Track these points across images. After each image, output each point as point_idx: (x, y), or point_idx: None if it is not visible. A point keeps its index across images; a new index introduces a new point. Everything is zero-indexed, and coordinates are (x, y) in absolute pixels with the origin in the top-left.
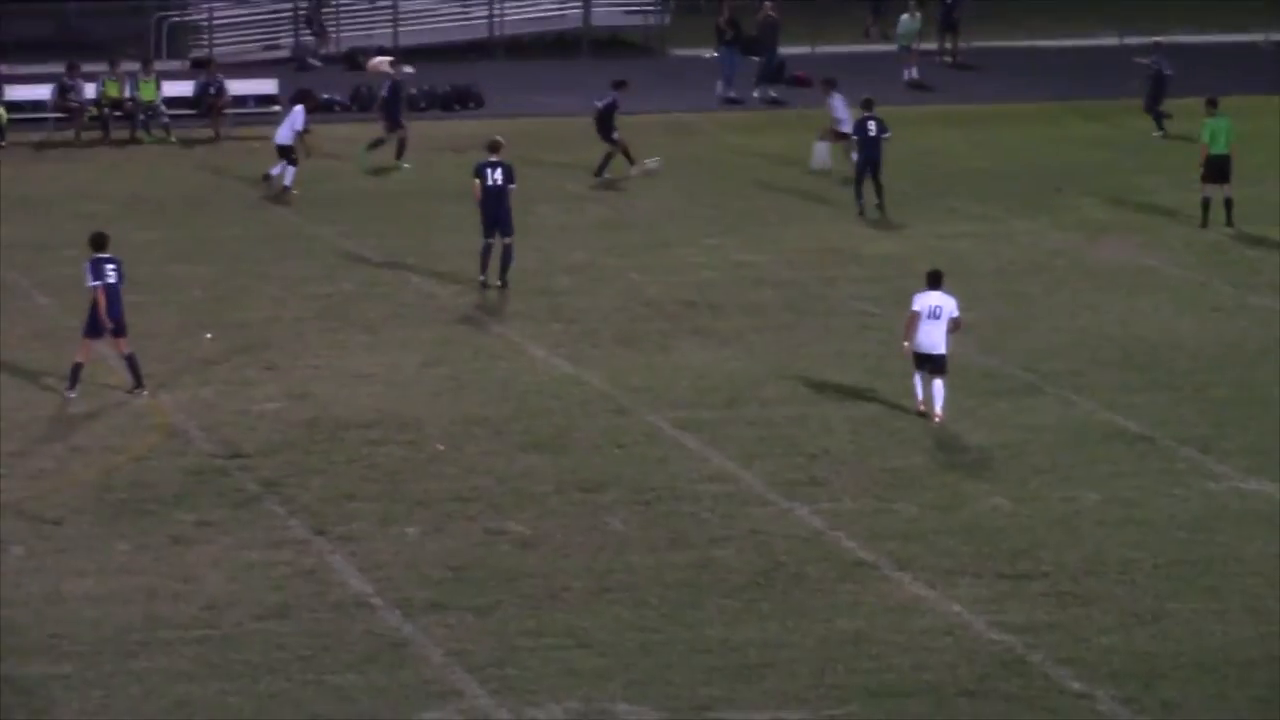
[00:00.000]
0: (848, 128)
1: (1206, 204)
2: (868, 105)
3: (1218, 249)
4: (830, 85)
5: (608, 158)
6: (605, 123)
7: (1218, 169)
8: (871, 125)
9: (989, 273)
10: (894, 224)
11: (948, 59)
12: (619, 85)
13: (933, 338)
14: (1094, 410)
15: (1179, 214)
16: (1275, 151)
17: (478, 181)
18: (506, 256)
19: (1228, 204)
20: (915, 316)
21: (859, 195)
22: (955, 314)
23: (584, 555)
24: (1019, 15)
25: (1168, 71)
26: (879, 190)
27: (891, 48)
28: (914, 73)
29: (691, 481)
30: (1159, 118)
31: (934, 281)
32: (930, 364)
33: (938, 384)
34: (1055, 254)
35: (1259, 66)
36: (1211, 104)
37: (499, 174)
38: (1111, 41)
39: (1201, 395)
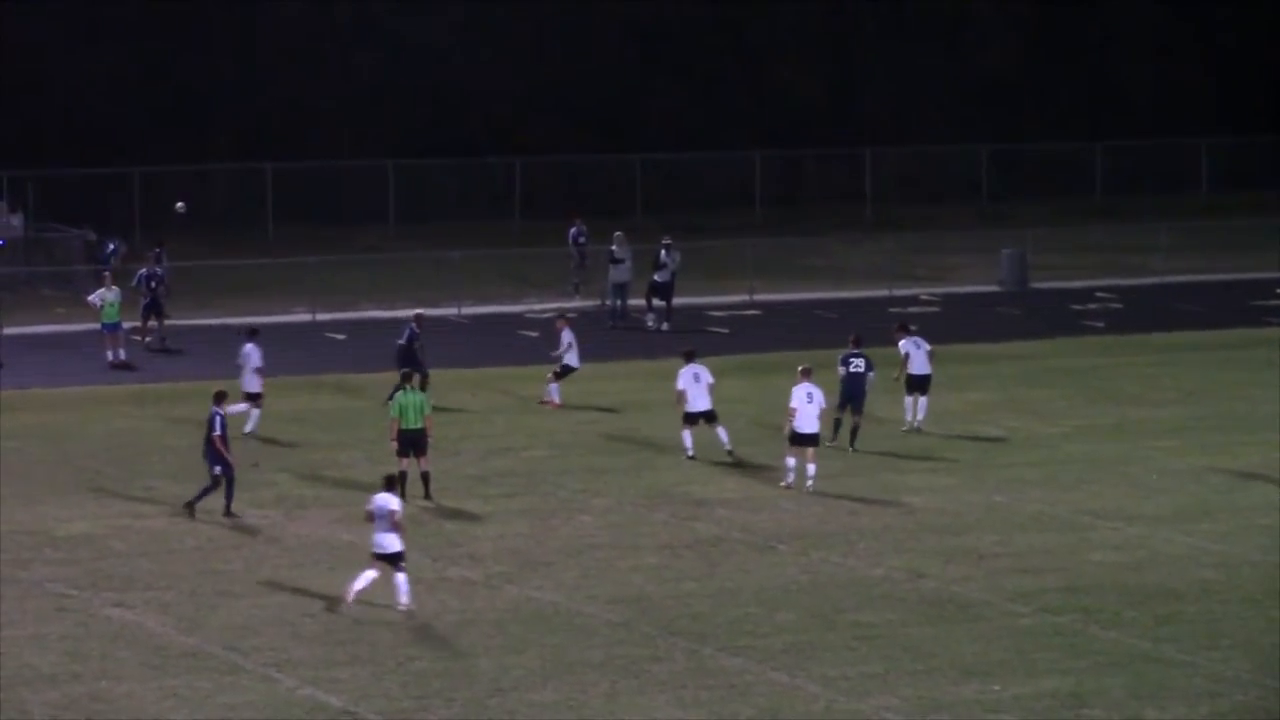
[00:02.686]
0: None
1: (401, 477)
2: None
3: (416, 521)
4: None
5: None
6: None
7: (411, 442)
8: None
9: (189, 550)
10: (89, 504)
11: (149, 339)
12: None
13: None
14: (296, 686)
15: (374, 488)
16: (475, 424)
17: None
18: None
19: (425, 478)
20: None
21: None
22: None
23: None
24: (208, 296)
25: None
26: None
27: (93, 325)
28: (120, 354)
29: None
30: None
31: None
32: None
33: None
34: (255, 530)
35: (456, 339)
36: (407, 378)
37: None
38: (306, 318)
39: (404, 668)
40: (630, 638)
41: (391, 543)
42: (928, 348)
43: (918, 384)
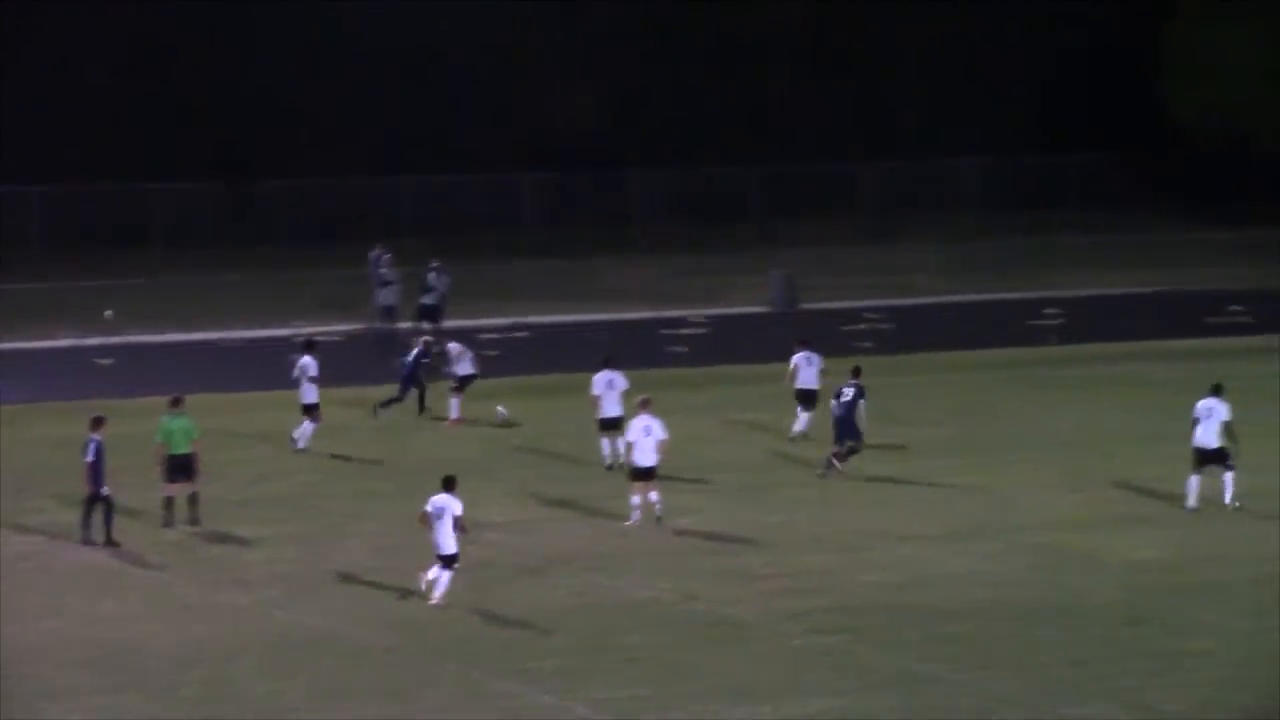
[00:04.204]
0: None
1: (169, 502)
2: None
3: (183, 547)
4: None
5: None
6: None
7: (179, 467)
8: None
9: None
10: None
11: None
12: None
13: None
14: (62, 715)
15: (143, 514)
16: (242, 448)
17: None
18: None
19: (192, 500)
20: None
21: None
22: None
23: None
24: None
25: None
26: None
27: None
28: None
29: None
30: None
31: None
32: None
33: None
34: (21, 557)
35: (222, 363)
36: (175, 403)
37: None
38: (70, 343)
39: (171, 695)
40: (400, 662)
41: (450, 544)
42: (820, 364)
43: (804, 397)
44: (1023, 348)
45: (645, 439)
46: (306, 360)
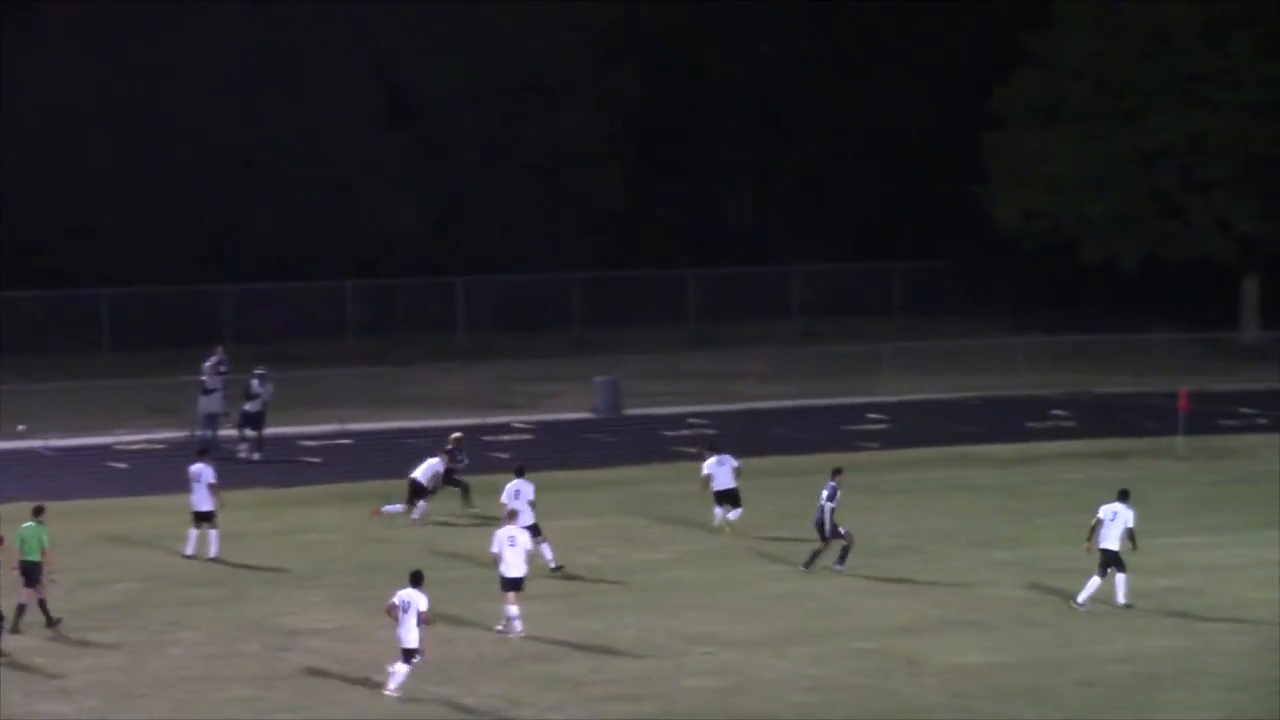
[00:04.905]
0: None
1: (21, 609)
2: None
3: (15, 655)
4: None
5: None
6: None
7: (28, 572)
8: None
9: None
10: None
11: None
12: None
13: None
14: None
15: None
16: (66, 556)
17: None
18: None
19: (42, 606)
20: None
21: None
22: None
23: None
24: None
25: None
26: None
27: None
28: None
29: None
30: None
31: None
32: None
33: None
34: None
35: (45, 472)
36: (37, 511)
37: None
38: None
39: None
40: None
41: (412, 638)
42: (734, 464)
43: (727, 497)
44: (847, 452)
45: (511, 549)
46: (200, 467)
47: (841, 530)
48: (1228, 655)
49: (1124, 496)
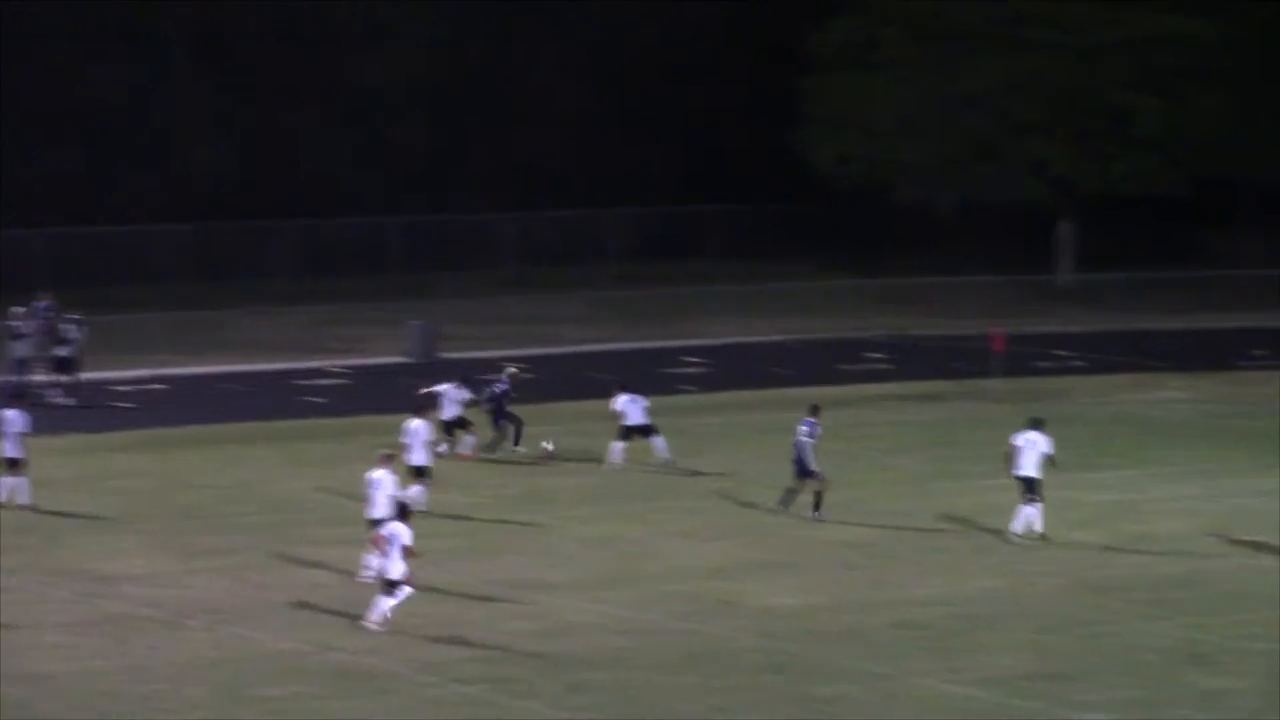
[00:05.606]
0: None
1: None
2: None
3: None
4: None
5: None
6: None
7: None
8: None
9: None
10: None
11: None
12: None
13: None
14: None
15: None
16: None
17: None
18: None
19: None
20: None
21: None
22: None
23: None
24: None
25: None
26: None
27: None
28: None
29: None
30: None
31: None
32: None
33: None
34: None
35: None
36: None
37: None
38: None
39: None
40: (35, 718)
41: (396, 569)
42: (645, 402)
43: (641, 431)
44: (666, 396)
45: (375, 491)
46: (10, 414)
47: (817, 470)
48: (1042, 596)
49: (1037, 424)
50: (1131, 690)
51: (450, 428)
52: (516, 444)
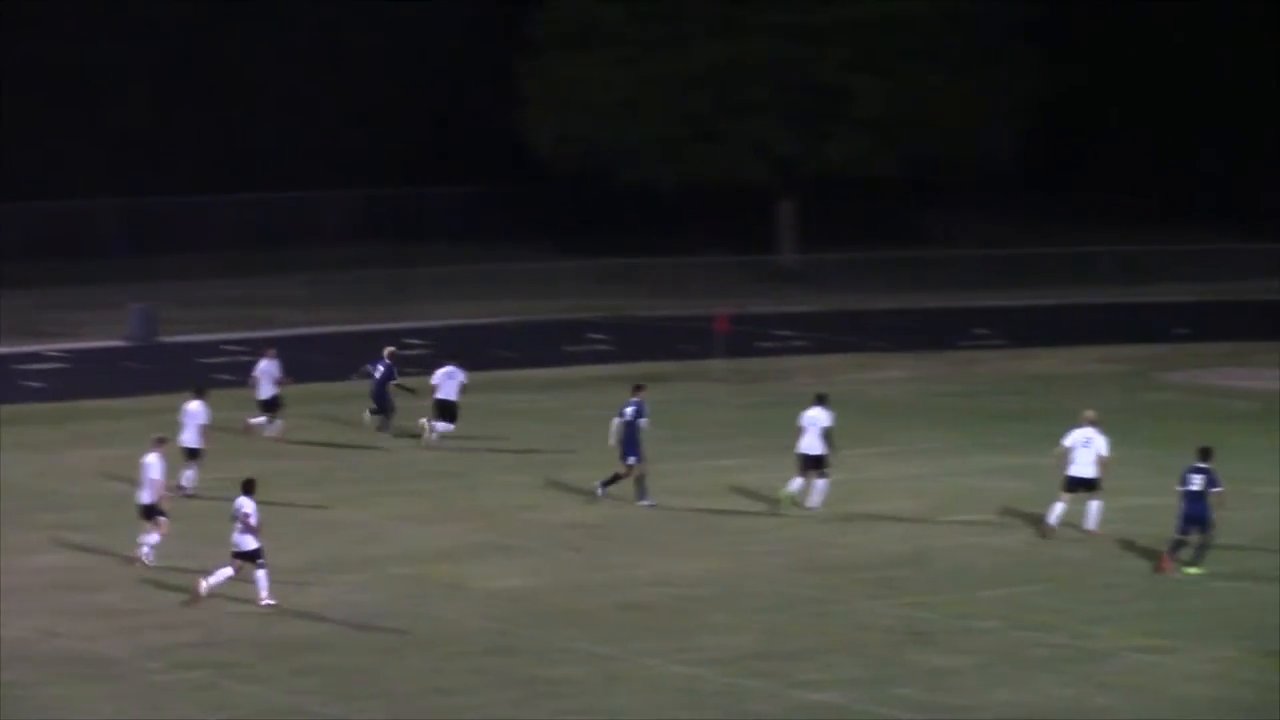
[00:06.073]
0: None
1: None
2: None
3: None
4: None
5: None
6: None
7: None
8: None
9: None
10: None
11: None
12: None
13: None
14: None
15: None
16: None
17: None
18: None
19: None
20: None
21: None
22: None
23: None
24: None
25: None
26: None
27: None
28: None
29: None
30: None
31: None
32: None
33: None
34: None
35: None
36: None
37: None
38: None
39: None
40: None
41: (247, 542)
42: (462, 378)
43: (445, 409)
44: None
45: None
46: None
47: (639, 454)
48: (763, 576)
49: (820, 400)
50: (856, 669)
51: (268, 407)
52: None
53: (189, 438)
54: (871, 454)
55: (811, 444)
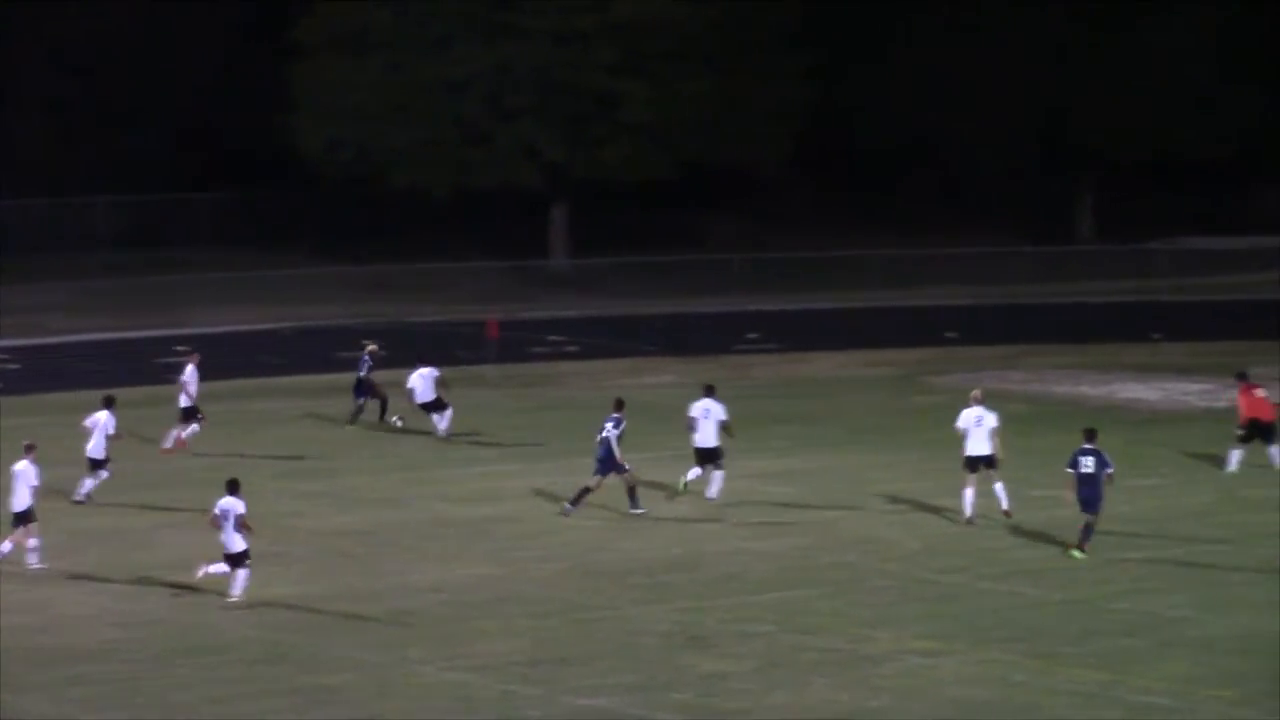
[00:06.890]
0: None
1: None
2: None
3: None
4: None
5: None
6: None
7: None
8: None
9: None
10: None
11: None
12: None
13: None
14: None
15: None
16: None
17: None
18: None
19: None
20: None
21: None
22: None
23: None
24: None
25: None
26: None
27: None
28: None
29: None
30: None
31: None
32: None
33: None
34: None
35: None
36: None
37: None
38: None
39: None
40: None
41: (235, 543)
42: (436, 374)
43: (434, 406)
44: (156, 386)
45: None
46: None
47: (626, 466)
48: (536, 582)
49: (710, 391)
50: (630, 675)
51: (188, 415)
52: (383, 417)
53: (93, 448)
54: (646, 458)
55: (707, 436)
